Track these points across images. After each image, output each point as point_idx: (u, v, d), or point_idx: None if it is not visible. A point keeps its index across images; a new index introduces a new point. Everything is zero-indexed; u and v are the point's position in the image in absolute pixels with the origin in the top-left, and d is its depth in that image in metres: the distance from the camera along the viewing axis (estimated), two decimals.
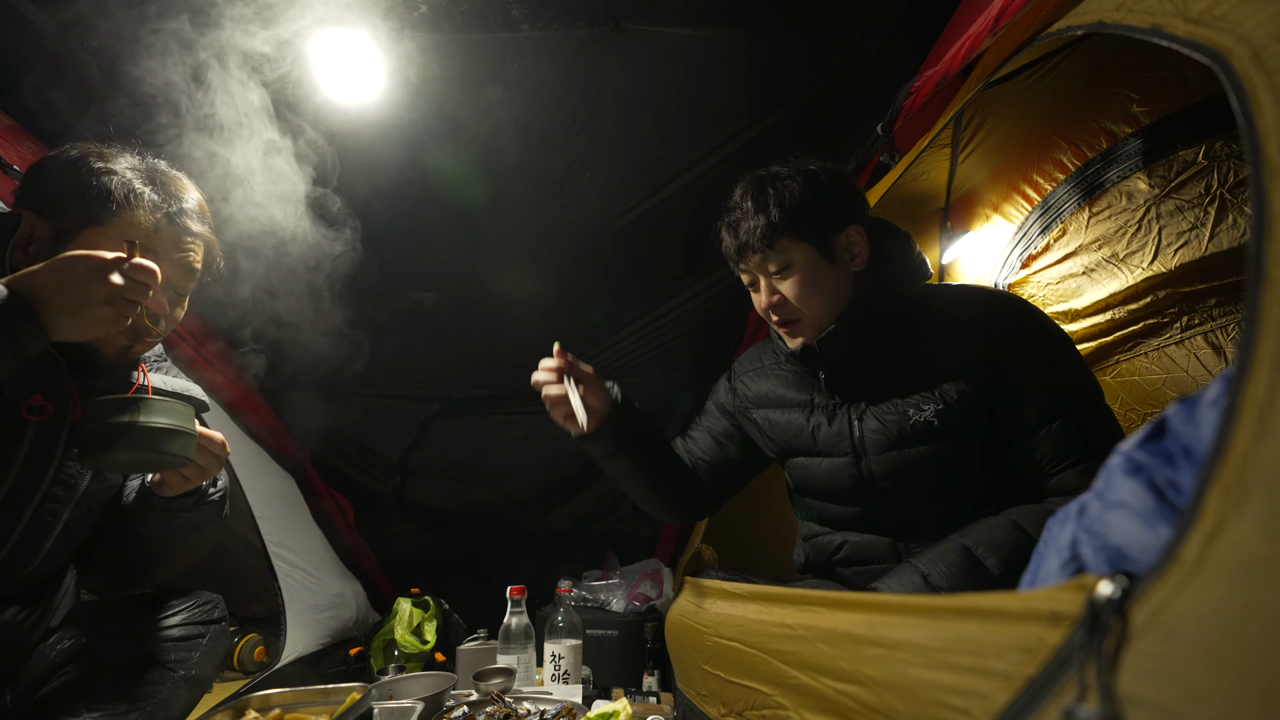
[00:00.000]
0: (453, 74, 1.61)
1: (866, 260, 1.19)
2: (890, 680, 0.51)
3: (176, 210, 1.07)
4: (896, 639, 0.52)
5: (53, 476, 1.02)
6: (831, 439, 1.23)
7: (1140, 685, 0.33)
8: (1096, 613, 0.36)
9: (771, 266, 1.18)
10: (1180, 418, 0.46)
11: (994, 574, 0.92)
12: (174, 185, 1.09)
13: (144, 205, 1.03)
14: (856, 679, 0.55)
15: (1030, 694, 0.39)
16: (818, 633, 0.62)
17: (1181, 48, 0.53)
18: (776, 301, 1.19)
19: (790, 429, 1.30)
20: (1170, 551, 0.34)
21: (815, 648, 0.62)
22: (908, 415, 1.13)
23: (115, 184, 1.01)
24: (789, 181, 1.18)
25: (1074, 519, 0.53)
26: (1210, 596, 0.31)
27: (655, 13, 1.53)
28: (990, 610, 0.46)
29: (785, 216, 1.14)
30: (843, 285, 1.18)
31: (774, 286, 1.19)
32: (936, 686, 0.47)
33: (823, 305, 1.17)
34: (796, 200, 1.15)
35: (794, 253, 1.16)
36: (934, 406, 1.11)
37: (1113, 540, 0.48)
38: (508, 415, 2.28)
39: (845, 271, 1.19)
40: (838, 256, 1.18)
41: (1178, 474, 0.45)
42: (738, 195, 1.23)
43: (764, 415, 1.36)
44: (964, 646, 0.46)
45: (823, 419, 1.25)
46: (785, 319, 1.21)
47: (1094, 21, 0.75)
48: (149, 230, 1.03)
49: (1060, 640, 0.38)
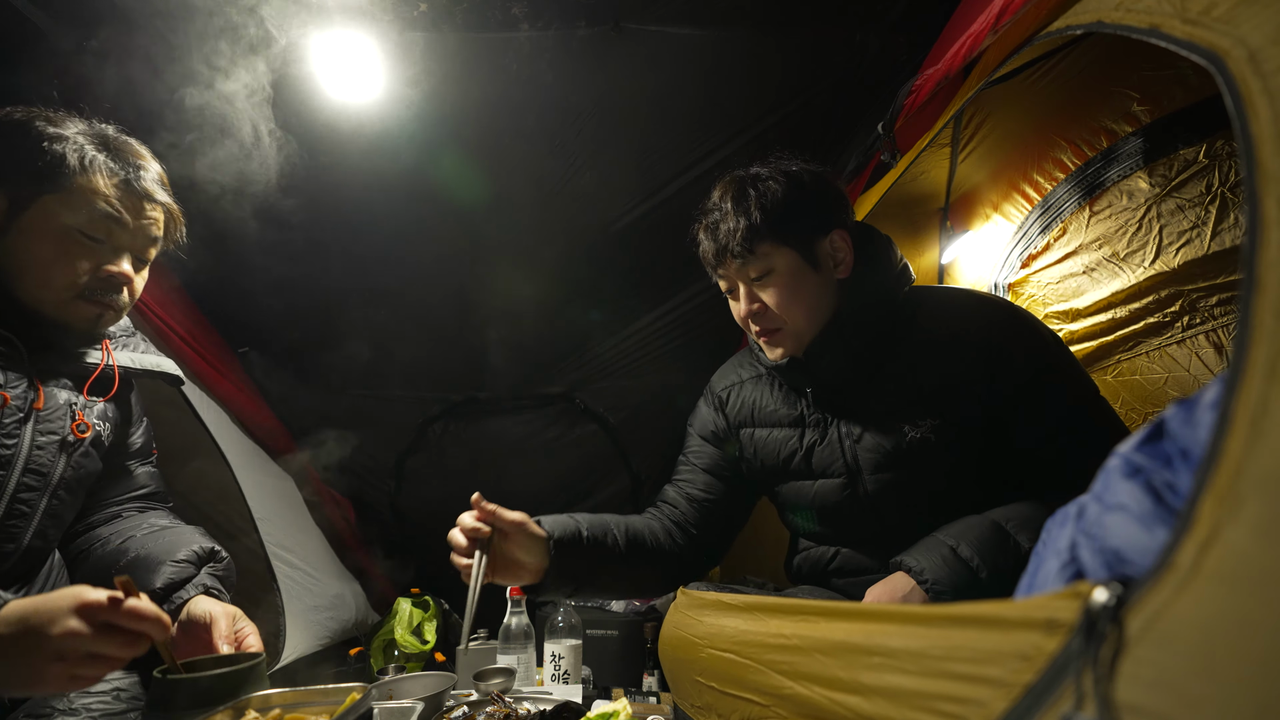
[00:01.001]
0: (452, 73, 1.61)
1: (851, 267, 1.14)
2: (886, 688, 0.51)
3: (135, 176, 1.05)
4: (893, 647, 0.52)
5: (23, 466, 1.01)
6: (824, 459, 1.17)
7: (1136, 692, 0.33)
8: (1092, 620, 0.36)
9: (752, 272, 1.12)
10: (1179, 420, 0.46)
11: (1024, 549, 0.89)
12: (129, 151, 1.07)
13: (101, 170, 1.01)
14: (852, 688, 0.55)
15: (1028, 701, 0.39)
16: (813, 642, 0.62)
17: (1179, 49, 0.52)
18: (756, 310, 1.14)
19: (781, 449, 1.23)
20: (1165, 558, 0.34)
21: (811, 657, 0.61)
22: (904, 433, 1.08)
23: (68, 150, 0.98)
24: (771, 182, 1.12)
25: (1073, 521, 0.53)
26: (1205, 604, 0.31)
27: (655, 13, 1.53)
28: (987, 618, 0.46)
29: (767, 219, 1.09)
30: (826, 293, 1.13)
31: (754, 293, 1.14)
32: (933, 695, 0.47)
33: (805, 314, 1.12)
34: (779, 202, 1.10)
35: (775, 258, 1.11)
36: (930, 422, 1.06)
37: (1111, 543, 0.48)
38: (507, 416, 2.28)
39: (829, 279, 1.13)
40: (821, 263, 1.12)
41: (1175, 476, 0.44)
42: (716, 196, 1.18)
43: (749, 434, 1.28)
44: (961, 654, 0.46)
45: (816, 437, 1.19)
46: (765, 328, 1.15)
47: (1093, 21, 0.75)
48: (109, 196, 1.01)
49: (1057, 648, 0.38)
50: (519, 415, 2.27)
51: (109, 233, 1.03)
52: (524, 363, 2.22)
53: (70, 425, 1.07)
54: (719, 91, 1.71)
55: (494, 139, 1.74)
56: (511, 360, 2.21)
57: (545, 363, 2.22)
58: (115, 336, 1.19)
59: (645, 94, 1.70)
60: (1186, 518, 0.34)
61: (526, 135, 1.75)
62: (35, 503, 1.04)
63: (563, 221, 1.93)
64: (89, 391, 1.11)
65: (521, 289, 2.05)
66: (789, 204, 1.10)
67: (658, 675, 1.70)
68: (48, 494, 1.06)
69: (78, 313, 1.03)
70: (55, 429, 1.05)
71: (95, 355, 1.12)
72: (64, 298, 1.01)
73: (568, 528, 1.13)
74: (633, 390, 2.25)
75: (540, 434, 2.29)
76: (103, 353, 1.13)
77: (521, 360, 2.21)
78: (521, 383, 2.25)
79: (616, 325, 2.14)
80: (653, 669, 1.72)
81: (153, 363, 1.21)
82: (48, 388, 1.05)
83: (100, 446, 1.15)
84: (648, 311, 2.11)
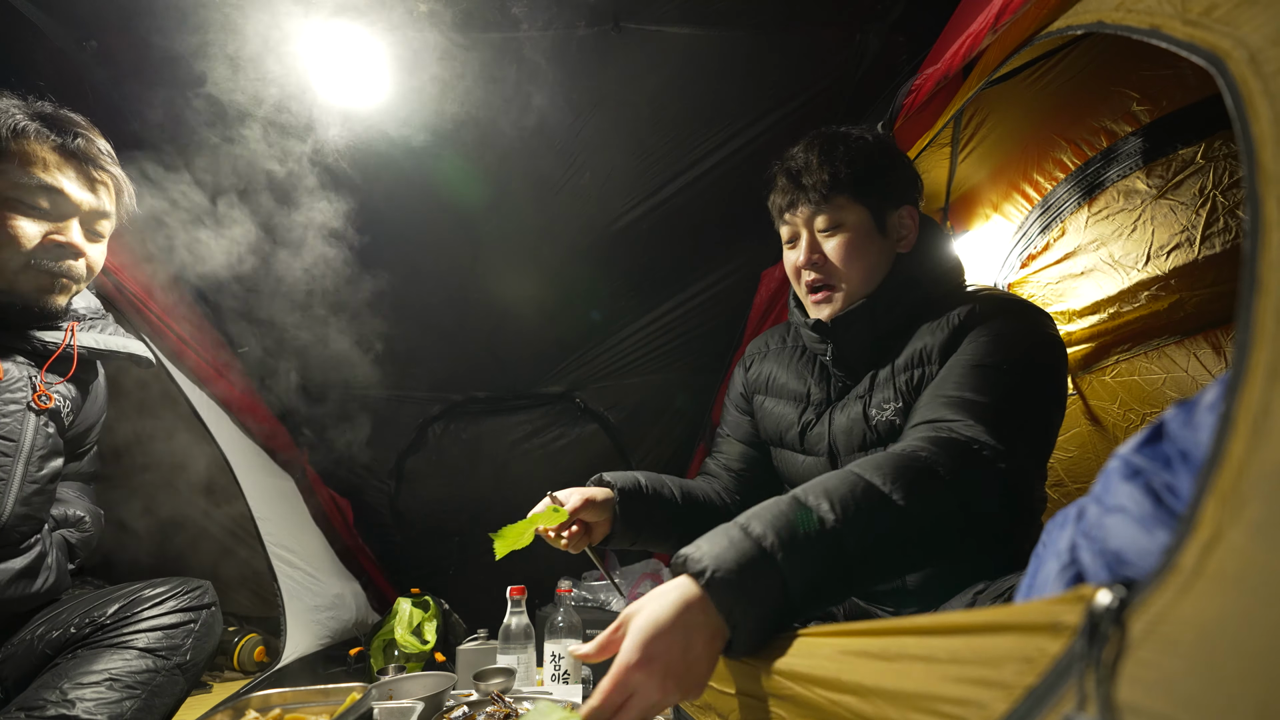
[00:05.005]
0: (452, 73, 1.61)
1: (912, 245, 1.13)
2: (887, 690, 0.51)
3: (75, 145, 1.05)
4: (895, 651, 0.52)
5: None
6: (815, 437, 1.19)
7: (1139, 695, 0.33)
8: (1095, 622, 0.36)
9: (820, 222, 1.11)
10: (1178, 422, 0.46)
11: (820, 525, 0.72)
12: (69, 122, 1.07)
13: (33, 136, 1.02)
14: (853, 689, 0.55)
15: (1029, 703, 0.39)
16: (815, 647, 0.62)
17: (1180, 50, 0.52)
18: (816, 260, 1.12)
19: (781, 421, 1.26)
20: (1168, 560, 0.34)
21: (811, 659, 0.61)
22: (869, 416, 1.09)
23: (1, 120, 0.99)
24: (861, 141, 1.12)
25: (1073, 523, 0.53)
26: (1208, 606, 0.31)
27: (655, 12, 1.53)
28: (991, 624, 0.46)
29: (852, 174, 1.08)
30: (884, 262, 1.12)
31: (817, 243, 1.12)
32: (934, 697, 0.47)
33: (861, 276, 1.11)
34: (867, 159, 1.10)
35: (848, 212, 1.10)
36: (894, 405, 1.06)
37: (1111, 545, 0.48)
38: (507, 416, 2.28)
39: (890, 249, 1.12)
40: (889, 231, 1.12)
41: (1175, 478, 0.44)
42: (801, 148, 1.15)
43: (760, 401, 1.32)
44: (964, 657, 0.46)
45: (813, 416, 1.21)
46: (819, 283, 1.14)
47: (1094, 21, 0.75)
48: (47, 162, 1.02)
49: (1060, 650, 0.38)
50: (519, 415, 2.28)
51: (52, 201, 1.04)
52: (524, 363, 2.22)
53: (32, 396, 1.09)
54: (719, 91, 1.71)
55: (494, 139, 1.74)
56: (511, 360, 2.21)
57: (545, 363, 2.23)
58: (84, 318, 1.19)
59: (645, 94, 1.70)
60: (1189, 520, 0.34)
61: (526, 135, 1.75)
62: (10, 468, 1.06)
63: (563, 221, 1.93)
64: (48, 371, 1.12)
65: (521, 289, 2.05)
66: (875, 165, 1.10)
67: None
68: (22, 460, 1.07)
69: (29, 283, 1.04)
70: (17, 399, 1.07)
71: (56, 335, 1.13)
72: (11, 267, 1.02)
73: (628, 479, 1.21)
74: (633, 389, 2.26)
75: (540, 434, 2.29)
76: (65, 334, 1.14)
77: (521, 360, 2.21)
78: (521, 383, 2.25)
79: (616, 325, 2.14)
80: None
81: (119, 344, 1.21)
82: (5, 362, 1.06)
83: (59, 422, 1.15)
84: (647, 311, 2.11)
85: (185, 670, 1.14)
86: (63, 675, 1.01)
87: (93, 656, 1.05)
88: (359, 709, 1.16)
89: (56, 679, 1.01)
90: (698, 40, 1.58)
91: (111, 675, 1.04)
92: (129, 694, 1.04)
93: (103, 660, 1.05)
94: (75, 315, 1.17)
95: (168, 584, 1.21)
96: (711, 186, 1.85)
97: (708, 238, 1.99)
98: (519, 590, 1.59)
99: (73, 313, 1.18)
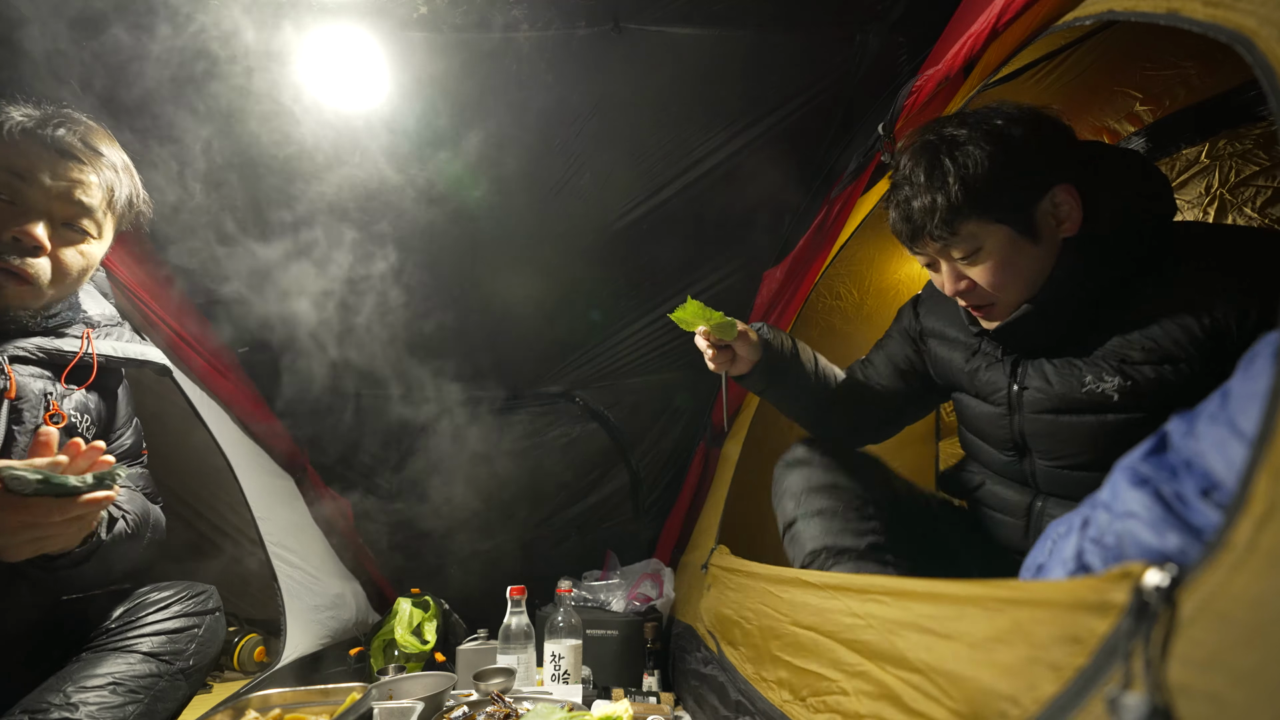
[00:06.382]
0: (452, 74, 1.61)
1: (1079, 224, 0.95)
2: (946, 668, 0.53)
3: (46, 131, 0.97)
4: (952, 630, 0.54)
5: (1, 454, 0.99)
6: (987, 386, 1.12)
7: (1189, 673, 0.33)
8: (1144, 601, 0.35)
9: (956, 253, 0.99)
10: (1180, 432, 0.46)
11: None
12: (47, 112, 1.00)
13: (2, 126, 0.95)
14: (916, 667, 0.57)
15: (1079, 684, 0.39)
16: (883, 623, 0.65)
17: (1202, 31, 0.51)
18: (965, 288, 1.02)
19: (951, 366, 1.20)
20: (1220, 537, 0.33)
21: (881, 637, 0.64)
22: (1082, 381, 0.96)
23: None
24: (971, 148, 0.94)
25: (1078, 531, 0.54)
26: (1264, 581, 0.31)
27: (655, 13, 1.53)
28: (1040, 600, 0.46)
29: (969, 195, 0.93)
30: (1049, 259, 0.97)
31: (960, 272, 1.01)
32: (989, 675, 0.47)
33: (1021, 289, 0.98)
34: (983, 172, 0.92)
35: (984, 237, 0.95)
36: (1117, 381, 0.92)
37: (1123, 549, 0.48)
38: (507, 416, 2.28)
39: (1051, 242, 0.96)
40: (1041, 229, 0.95)
41: (1181, 486, 0.45)
42: (907, 165, 1.00)
43: (932, 346, 1.26)
44: (1015, 637, 0.46)
45: (980, 364, 1.13)
46: (976, 304, 1.04)
47: (1103, 10, 0.73)
48: (7, 149, 0.95)
49: (1108, 629, 0.38)
50: (519, 415, 2.27)
51: (14, 191, 0.96)
52: (524, 363, 2.22)
53: (44, 416, 1.04)
54: (719, 91, 1.70)
55: (494, 139, 1.73)
56: (511, 360, 2.21)
57: (545, 363, 2.22)
58: (99, 325, 1.16)
59: (645, 94, 1.70)
60: (1241, 496, 0.33)
61: (526, 135, 1.74)
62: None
63: (563, 221, 1.93)
64: (66, 380, 1.08)
65: (521, 289, 2.05)
66: (995, 174, 0.92)
67: (658, 675, 1.70)
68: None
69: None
70: (30, 418, 1.03)
71: (74, 343, 1.09)
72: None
73: (777, 336, 1.31)
74: (633, 389, 2.26)
75: (540, 433, 2.29)
76: (82, 340, 1.10)
77: (521, 360, 2.21)
78: (521, 383, 2.25)
79: (616, 325, 2.14)
80: (653, 669, 1.72)
81: (137, 351, 1.17)
82: (20, 377, 1.02)
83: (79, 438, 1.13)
84: (648, 311, 2.11)
85: (188, 675, 1.14)
86: (67, 678, 1.01)
87: (97, 660, 1.05)
88: (359, 709, 1.16)
89: (60, 681, 1.00)
90: (698, 40, 1.57)
91: (115, 679, 1.03)
92: (132, 698, 1.03)
93: (107, 664, 1.05)
94: (90, 322, 1.14)
95: (173, 588, 1.21)
96: (711, 186, 1.84)
97: (708, 238, 1.98)
98: (519, 590, 1.59)
99: (86, 319, 1.15)
